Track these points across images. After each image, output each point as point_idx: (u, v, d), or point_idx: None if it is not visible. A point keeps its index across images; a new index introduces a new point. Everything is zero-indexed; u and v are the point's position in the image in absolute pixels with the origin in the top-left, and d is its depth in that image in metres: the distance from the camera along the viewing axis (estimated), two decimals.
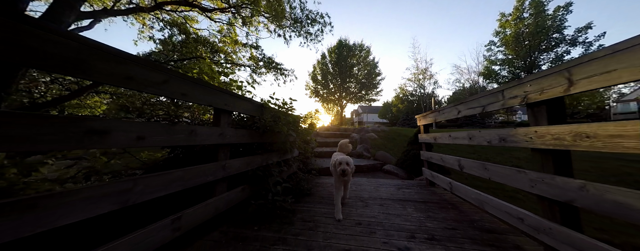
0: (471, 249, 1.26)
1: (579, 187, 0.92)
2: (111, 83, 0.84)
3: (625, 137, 0.77)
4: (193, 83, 1.24)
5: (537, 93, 1.10)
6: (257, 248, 1.26)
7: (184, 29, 3.53)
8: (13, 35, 0.59)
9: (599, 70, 0.83)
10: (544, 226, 1.10)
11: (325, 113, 21.24)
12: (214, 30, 3.97)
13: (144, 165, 2.10)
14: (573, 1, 10.54)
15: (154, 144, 1.00)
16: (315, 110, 5.30)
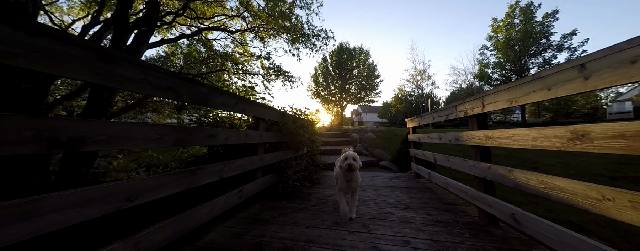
0: (433, 212, 1.88)
1: (487, 167, 1.54)
2: (216, 108, 1.47)
3: (502, 137, 1.38)
4: (247, 102, 1.87)
5: (470, 109, 1.72)
6: (288, 212, 1.88)
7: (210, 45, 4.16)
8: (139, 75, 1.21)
9: (499, 98, 1.45)
10: (476, 195, 1.72)
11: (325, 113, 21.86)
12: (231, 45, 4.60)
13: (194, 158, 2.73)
14: (559, 9, 11.22)
15: (233, 142, 1.62)
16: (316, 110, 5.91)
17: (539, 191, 1.11)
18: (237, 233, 1.44)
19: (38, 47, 0.62)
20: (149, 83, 0.95)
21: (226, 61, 4.12)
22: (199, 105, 1.35)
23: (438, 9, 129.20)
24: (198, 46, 4.40)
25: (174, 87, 1.08)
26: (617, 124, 0.78)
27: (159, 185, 1.01)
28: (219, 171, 1.46)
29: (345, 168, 1.65)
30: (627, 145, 0.74)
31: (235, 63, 4.50)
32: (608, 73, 0.79)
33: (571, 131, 0.92)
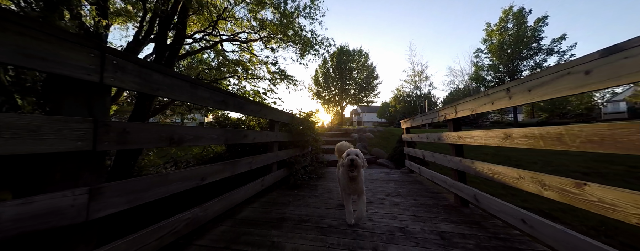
0: (419, 198, 2.30)
1: (459, 160, 1.96)
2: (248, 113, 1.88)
3: (468, 137, 1.80)
4: (267, 108, 2.28)
5: (448, 114, 2.14)
6: (300, 198, 2.29)
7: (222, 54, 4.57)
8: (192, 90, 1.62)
9: (465, 107, 1.87)
10: (452, 183, 2.14)
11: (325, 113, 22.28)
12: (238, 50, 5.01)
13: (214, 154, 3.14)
14: (549, 14, 11.74)
15: (258, 141, 2.04)
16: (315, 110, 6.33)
17: (488, 176, 1.53)
18: (264, 212, 1.86)
19: (167, 84, 1.04)
20: (212, 99, 1.37)
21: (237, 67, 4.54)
22: (238, 112, 1.76)
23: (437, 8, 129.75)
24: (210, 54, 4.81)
25: (225, 100, 1.49)
26: (526, 129, 1.20)
27: (216, 171, 1.43)
28: (249, 163, 1.88)
29: (347, 165, 1.47)
30: (529, 142, 1.16)
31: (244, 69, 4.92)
32: (519, 95, 1.21)
33: (503, 132, 1.34)
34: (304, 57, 4.78)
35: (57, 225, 0.67)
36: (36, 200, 0.63)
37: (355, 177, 1.51)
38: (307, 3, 4.80)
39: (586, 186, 0.88)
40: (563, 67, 0.94)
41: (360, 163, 1.48)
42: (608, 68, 0.78)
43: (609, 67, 0.78)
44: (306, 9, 4.78)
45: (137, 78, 0.90)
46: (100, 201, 0.78)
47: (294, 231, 1.48)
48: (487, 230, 1.50)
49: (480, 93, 1.60)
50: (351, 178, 1.52)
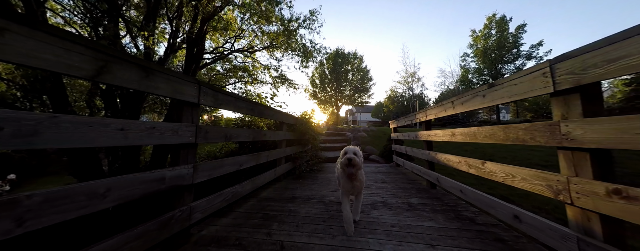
0: (400, 184, 2.88)
1: (428, 153, 2.55)
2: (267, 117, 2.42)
3: (433, 135, 2.39)
4: (279, 113, 2.82)
5: (422, 117, 2.73)
6: (305, 185, 2.84)
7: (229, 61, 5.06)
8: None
9: (431, 111, 2.46)
10: (425, 171, 2.73)
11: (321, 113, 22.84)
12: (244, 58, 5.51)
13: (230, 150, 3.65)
14: (527, 23, 12.71)
15: (273, 139, 2.58)
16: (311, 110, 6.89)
17: (444, 163, 2.12)
18: (278, 193, 2.40)
19: (224, 100, 1.57)
20: (246, 108, 1.90)
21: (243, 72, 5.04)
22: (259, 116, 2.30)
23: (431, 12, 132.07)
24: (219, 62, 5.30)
25: (253, 108, 2.03)
26: (461, 129, 1.78)
27: (247, 160, 1.96)
28: (266, 156, 2.41)
29: (344, 164, 1.38)
30: (463, 137, 1.74)
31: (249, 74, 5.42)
32: (460, 106, 1.80)
33: (451, 131, 1.93)
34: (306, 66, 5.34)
35: (181, 183, 1.20)
36: (176, 169, 1.16)
37: (353, 175, 1.41)
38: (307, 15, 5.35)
39: (485, 163, 1.47)
40: (476, 91, 1.53)
41: (358, 163, 1.37)
42: (492, 95, 1.37)
43: (493, 94, 1.36)
44: (306, 21, 5.33)
45: (212, 98, 1.43)
46: (197, 173, 1.31)
47: (304, 204, 2.03)
48: (442, 201, 2.09)
49: (440, 103, 2.19)
50: (349, 177, 1.42)
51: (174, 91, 1.14)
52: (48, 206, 0.67)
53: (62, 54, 0.70)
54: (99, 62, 0.80)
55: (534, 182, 1.09)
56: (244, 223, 1.58)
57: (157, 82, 1.05)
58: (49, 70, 0.68)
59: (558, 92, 0.92)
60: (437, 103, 2.23)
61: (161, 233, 1.08)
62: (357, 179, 1.46)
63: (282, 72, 6.13)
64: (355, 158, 1.38)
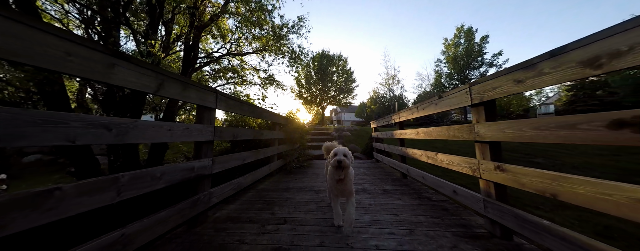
0: (378, 176, 3.36)
1: (402, 149, 3.06)
2: (263, 118, 2.73)
3: (404, 133, 2.89)
4: (275, 114, 3.13)
5: (396, 118, 3.24)
6: (297, 178, 3.19)
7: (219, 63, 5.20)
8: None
9: (403, 114, 2.96)
10: (399, 165, 3.23)
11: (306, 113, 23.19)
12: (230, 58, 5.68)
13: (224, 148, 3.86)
14: (489, 34, 14.46)
15: (268, 137, 2.89)
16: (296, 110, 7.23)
17: (412, 156, 2.61)
18: (274, 185, 2.72)
19: (233, 105, 1.88)
20: (249, 111, 2.21)
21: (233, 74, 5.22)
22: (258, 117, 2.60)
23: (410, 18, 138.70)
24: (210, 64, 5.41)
25: (254, 111, 2.34)
26: (423, 129, 2.27)
27: (249, 155, 2.27)
28: (263, 152, 2.73)
29: (334, 166, 1.33)
30: (424, 135, 2.23)
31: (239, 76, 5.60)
32: (422, 110, 2.29)
33: (416, 130, 2.42)
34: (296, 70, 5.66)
35: (204, 173, 1.50)
36: (201, 161, 1.46)
37: (343, 178, 1.37)
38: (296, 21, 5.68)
39: (438, 154, 1.96)
40: (431, 100, 2.01)
41: (348, 164, 1.34)
42: (441, 104, 1.85)
43: (441, 103, 1.84)
44: (294, 26, 5.66)
45: (224, 104, 1.73)
46: (214, 165, 1.61)
47: (298, 192, 2.39)
48: (409, 187, 2.59)
49: (408, 107, 2.68)
50: (339, 179, 1.38)
51: (200, 99, 1.44)
52: (132, 183, 0.97)
53: (141, 78, 1.00)
54: (158, 81, 1.09)
55: (463, 165, 1.57)
56: (250, 207, 1.91)
57: (190, 93, 1.35)
58: (132, 88, 0.98)
59: (473, 104, 1.40)
60: (407, 108, 2.73)
61: (192, 211, 1.38)
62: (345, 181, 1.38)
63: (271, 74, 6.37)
64: (345, 160, 1.30)
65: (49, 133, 0.69)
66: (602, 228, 2.24)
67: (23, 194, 0.63)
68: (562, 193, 0.88)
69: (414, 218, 1.65)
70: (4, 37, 0.58)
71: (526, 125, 1.03)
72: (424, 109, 2.18)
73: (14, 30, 0.61)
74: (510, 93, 1.12)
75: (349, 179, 1.41)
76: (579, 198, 0.82)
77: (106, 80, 0.86)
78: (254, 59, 5.43)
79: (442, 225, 1.50)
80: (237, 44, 4.38)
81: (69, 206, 0.74)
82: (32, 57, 0.64)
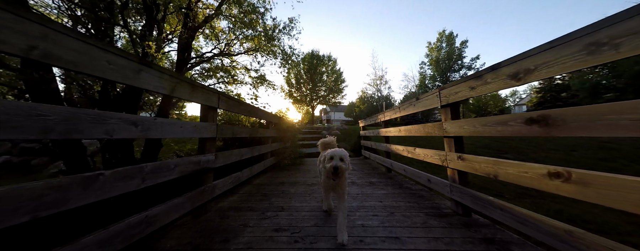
0: (365, 171, 3.63)
1: (386, 145, 3.34)
2: (257, 117, 2.89)
3: (387, 131, 3.18)
4: (269, 114, 3.29)
5: (381, 118, 3.52)
6: (290, 174, 3.37)
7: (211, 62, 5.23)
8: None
9: (387, 113, 3.24)
10: (384, 160, 3.52)
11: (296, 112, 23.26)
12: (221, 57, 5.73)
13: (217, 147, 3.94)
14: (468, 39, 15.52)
15: (263, 135, 3.05)
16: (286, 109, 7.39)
17: (395, 152, 2.89)
18: (269, 180, 2.89)
19: (232, 105, 2.03)
20: (247, 110, 2.36)
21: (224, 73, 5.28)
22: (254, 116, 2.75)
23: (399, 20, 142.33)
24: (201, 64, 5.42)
25: (252, 110, 2.49)
26: (403, 127, 2.55)
27: (247, 152, 2.43)
28: (258, 149, 2.89)
29: (329, 172, 1.25)
30: (404, 133, 2.51)
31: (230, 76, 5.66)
32: (404, 110, 2.57)
33: (398, 128, 2.70)
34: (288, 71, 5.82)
35: (208, 166, 1.66)
36: (206, 155, 1.62)
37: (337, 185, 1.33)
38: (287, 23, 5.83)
39: (416, 149, 2.24)
40: (410, 102, 2.28)
41: (345, 170, 1.28)
42: (418, 105, 2.12)
43: (418, 104, 2.12)
44: (286, 28, 5.81)
45: (225, 104, 1.89)
46: (217, 159, 1.77)
47: (292, 186, 2.59)
48: (393, 179, 2.87)
49: (392, 108, 2.96)
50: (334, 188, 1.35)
51: (205, 99, 1.60)
52: (153, 172, 1.12)
53: (160, 81, 1.15)
54: (173, 84, 1.25)
55: (435, 157, 1.85)
56: (249, 198, 2.08)
57: (197, 94, 1.50)
58: (154, 91, 1.13)
59: (442, 106, 1.68)
60: (392, 108, 3.01)
61: (199, 200, 1.54)
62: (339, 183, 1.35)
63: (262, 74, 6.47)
64: (341, 166, 1.24)
65: (97, 128, 0.84)
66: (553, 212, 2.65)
67: (79, 177, 0.78)
68: (500, 174, 1.16)
69: (395, 203, 1.91)
70: (71, 52, 0.73)
71: (477, 122, 1.31)
72: (405, 109, 2.46)
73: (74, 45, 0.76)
74: (467, 97, 1.40)
75: (343, 177, 1.36)
76: (510, 177, 1.09)
77: (134, 83, 1.01)
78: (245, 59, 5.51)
79: (417, 208, 1.77)
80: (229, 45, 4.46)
81: (110, 189, 0.89)
82: (87, 67, 0.79)
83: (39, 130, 0.66)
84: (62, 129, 0.72)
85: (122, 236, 0.94)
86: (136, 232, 1.02)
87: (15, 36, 0.61)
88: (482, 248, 1.14)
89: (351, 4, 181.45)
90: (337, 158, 1.28)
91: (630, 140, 5.88)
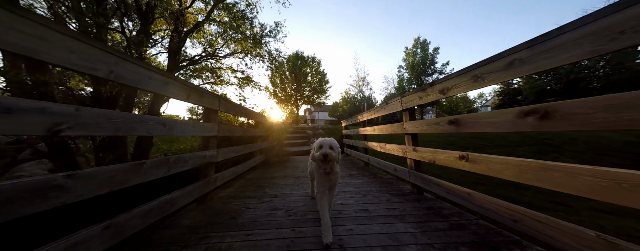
0: (347, 166, 4.07)
1: (364, 142, 3.81)
2: (249, 118, 3.17)
3: (364, 130, 3.65)
4: (259, 115, 3.57)
5: (360, 118, 3.99)
6: (279, 170, 3.69)
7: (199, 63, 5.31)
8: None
9: (366, 114, 3.71)
10: (362, 156, 3.98)
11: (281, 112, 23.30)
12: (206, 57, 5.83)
13: None
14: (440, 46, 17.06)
15: (254, 134, 3.32)
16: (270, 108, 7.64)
17: (371, 148, 3.36)
18: (260, 175, 3.18)
19: (231, 107, 2.31)
20: (242, 112, 2.64)
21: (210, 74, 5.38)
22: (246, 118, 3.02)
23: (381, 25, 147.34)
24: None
25: (247, 112, 2.77)
26: (379, 126, 3.01)
27: (241, 149, 2.71)
28: (250, 147, 3.17)
29: (319, 160, 1.26)
30: (379, 131, 2.97)
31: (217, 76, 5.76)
32: (377, 112, 3.03)
33: (373, 128, 3.17)
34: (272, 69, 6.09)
35: (211, 161, 1.94)
36: (208, 151, 1.90)
37: (329, 173, 1.32)
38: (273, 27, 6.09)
39: (386, 145, 2.71)
40: (382, 106, 2.74)
41: (335, 157, 1.27)
42: (387, 108, 2.59)
43: (387, 107, 2.58)
44: (272, 31, 6.06)
45: (224, 106, 2.17)
46: (218, 155, 2.05)
47: (282, 179, 2.91)
48: (369, 171, 3.34)
49: (369, 110, 3.43)
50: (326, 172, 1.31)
51: (209, 103, 1.88)
52: (175, 163, 1.40)
53: (179, 90, 1.43)
54: (187, 92, 1.53)
55: (399, 150, 2.32)
56: (245, 189, 2.37)
57: (205, 99, 1.78)
58: (172, 97, 1.41)
59: (403, 110, 2.14)
60: (369, 110, 3.48)
61: (204, 188, 1.82)
62: (333, 173, 1.34)
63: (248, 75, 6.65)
64: (331, 153, 1.24)
65: (142, 127, 1.12)
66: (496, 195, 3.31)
67: (129, 164, 1.06)
68: (436, 160, 1.62)
69: (368, 188, 2.34)
70: (133, 73, 1.02)
71: (424, 123, 1.78)
72: (378, 111, 2.92)
73: (132, 68, 1.04)
74: (418, 104, 1.87)
75: (335, 171, 1.36)
76: (441, 161, 1.56)
77: (163, 92, 1.29)
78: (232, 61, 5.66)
79: (385, 191, 2.22)
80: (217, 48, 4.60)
81: (150, 174, 1.17)
82: (139, 83, 1.07)
83: (114, 129, 0.95)
84: (126, 128, 1.00)
85: (156, 210, 1.22)
86: (165, 209, 1.30)
87: (103, 65, 0.89)
88: (423, 212, 1.60)
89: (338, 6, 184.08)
90: (327, 147, 1.25)
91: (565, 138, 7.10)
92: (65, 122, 0.75)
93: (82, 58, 0.82)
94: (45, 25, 0.71)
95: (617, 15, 0.65)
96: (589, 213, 2.27)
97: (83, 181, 0.81)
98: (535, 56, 0.87)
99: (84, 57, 0.83)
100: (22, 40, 0.66)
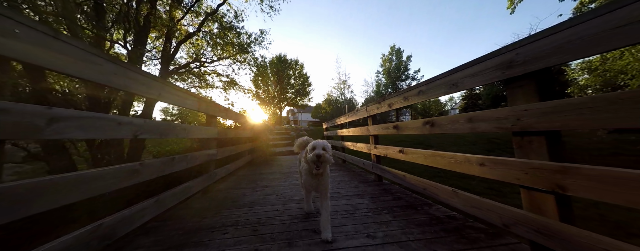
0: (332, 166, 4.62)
1: (342, 142, 4.40)
2: (237, 121, 3.56)
3: (342, 132, 4.24)
4: (245, 117, 3.96)
5: (338, 121, 4.57)
6: (266, 168, 4.10)
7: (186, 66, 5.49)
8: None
9: (342, 118, 4.30)
10: (341, 154, 4.57)
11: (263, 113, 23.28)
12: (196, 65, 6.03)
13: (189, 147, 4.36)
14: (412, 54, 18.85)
15: (243, 135, 3.72)
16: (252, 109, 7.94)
17: (348, 147, 3.95)
18: (250, 172, 3.59)
19: (223, 111, 2.72)
20: (232, 116, 3.05)
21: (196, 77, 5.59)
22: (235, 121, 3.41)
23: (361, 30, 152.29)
24: None
25: (237, 118, 3.17)
26: (353, 128, 3.61)
27: (233, 149, 3.11)
28: (241, 147, 3.56)
29: (312, 161, 1.23)
30: (357, 132, 3.57)
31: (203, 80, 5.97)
32: (351, 117, 3.63)
33: (348, 130, 3.76)
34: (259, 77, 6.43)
35: (213, 158, 2.34)
36: (212, 150, 2.31)
37: (320, 174, 1.31)
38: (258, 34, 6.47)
39: (357, 144, 3.31)
40: (357, 109, 3.34)
41: (328, 158, 1.26)
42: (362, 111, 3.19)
43: (362, 110, 3.18)
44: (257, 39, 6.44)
45: (224, 113, 2.58)
46: (217, 154, 2.45)
47: (270, 174, 3.36)
48: (346, 168, 3.93)
49: (347, 113, 4.02)
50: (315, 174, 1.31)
51: (212, 110, 2.29)
52: (192, 159, 1.81)
53: (194, 102, 1.84)
54: (198, 103, 1.94)
55: (365, 148, 2.92)
56: (240, 183, 2.79)
57: (210, 107, 2.19)
58: (185, 107, 1.82)
59: (368, 116, 2.75)
60: (345, 114, 4.07)
61: (207, 181, 2.22)
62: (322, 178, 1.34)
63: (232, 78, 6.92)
64: (324, 154, 1.23)
65: (172, 132, 1.53)
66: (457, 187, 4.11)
67: (157, 161, 1.47)
68: (388, 154, 2.23)
69: (342, 178, 2.91)
70: (173, 96, 1.43)
71: (380, 127, 2.39)
72: (350, 116, 3.52)
73: (175, 91, 1.45)
74: (377, 112, 2.48)
75: (326, 173, 1.36)
76: (389, 155, 2.17)
77: (182, 105, 1.70)
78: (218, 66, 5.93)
79: (355, 180, 2.80)
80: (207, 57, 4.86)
81: (177, 166, 1.58)
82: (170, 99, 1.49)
83: (160, 133, 1.36)
84: (166, 133, 1.42)
85: (180, 193, 1.63)
86: (186, 192, 1.71)
87: (152, 92, 1.31)
88: (378, 192, 2.20)
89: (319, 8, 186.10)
90: (320, 148, 1.25)
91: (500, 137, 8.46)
92: (139, 131, 1.17)
93: (140, 84, 1.24)
94: (114, 62, 1.13)
95: (450, 76, 1.27)
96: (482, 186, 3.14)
97: (147, 168, 1.23)
98: (429, 90, 1.49)
99: (146, 86, 1.25)
100: (99, 74, 1.08)
